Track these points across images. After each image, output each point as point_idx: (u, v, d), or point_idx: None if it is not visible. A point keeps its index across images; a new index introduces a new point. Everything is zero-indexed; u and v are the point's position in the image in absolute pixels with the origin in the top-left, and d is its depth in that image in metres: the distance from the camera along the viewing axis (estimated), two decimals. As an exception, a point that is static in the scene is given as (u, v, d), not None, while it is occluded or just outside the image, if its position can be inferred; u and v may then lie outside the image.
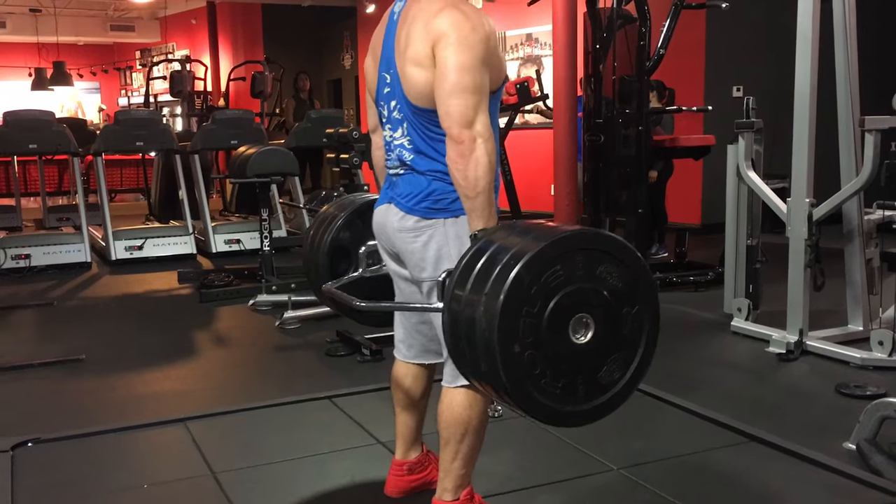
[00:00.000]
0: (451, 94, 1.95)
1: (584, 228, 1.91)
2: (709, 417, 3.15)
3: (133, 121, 7.28)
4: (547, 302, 1.76)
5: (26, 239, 7.00)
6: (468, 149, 1.93)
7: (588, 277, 1.80)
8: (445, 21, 2.00)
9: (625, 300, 1.85)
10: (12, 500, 2.52)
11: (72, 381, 3.84)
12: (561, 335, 1.79)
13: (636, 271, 1.86)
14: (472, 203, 1.95)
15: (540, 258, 1.74)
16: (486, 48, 2.00)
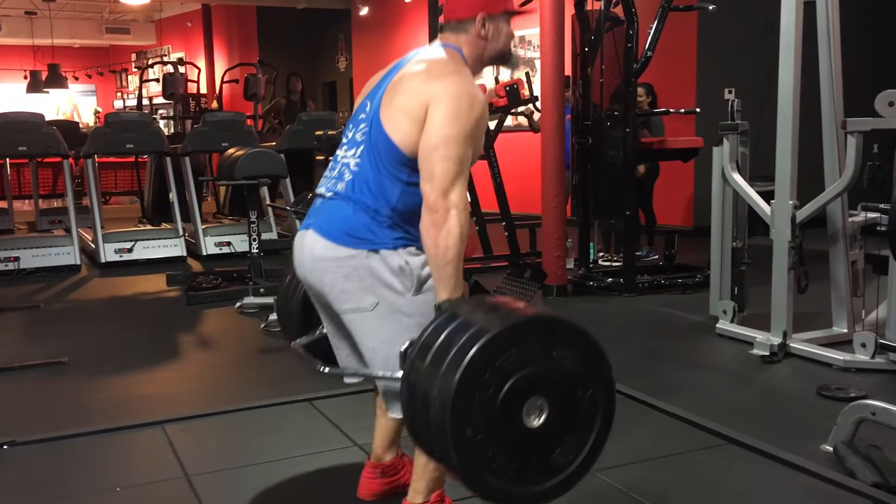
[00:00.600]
0: (436, 161, 1.97)
1: (541, 314, 1.89)
2: (688, 420, 3.15)
3: (123, 123, 7.26)
4: (501, 385, 1.76)
5: (15, 241, 6.99)
6: (441, 218, 1.94)
7: (543, 361, 1.80)
8: (447, 88, 2.02)
9: (579, 383, 1.85)
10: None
11: (53, 384, 3.83)
12: (514, 418, 1.79)
13: (591, 354, 1.87)
14: (440, 272, 1.97)
15: (495, 343, 1.74)
16: (476, 127, 2.03)
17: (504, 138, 7.37)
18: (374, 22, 12.04)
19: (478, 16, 2.17)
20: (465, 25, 2.19)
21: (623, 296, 5.48)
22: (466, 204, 1.99)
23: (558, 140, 5.46)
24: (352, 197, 2.10)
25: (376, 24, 12.07)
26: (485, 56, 2.21)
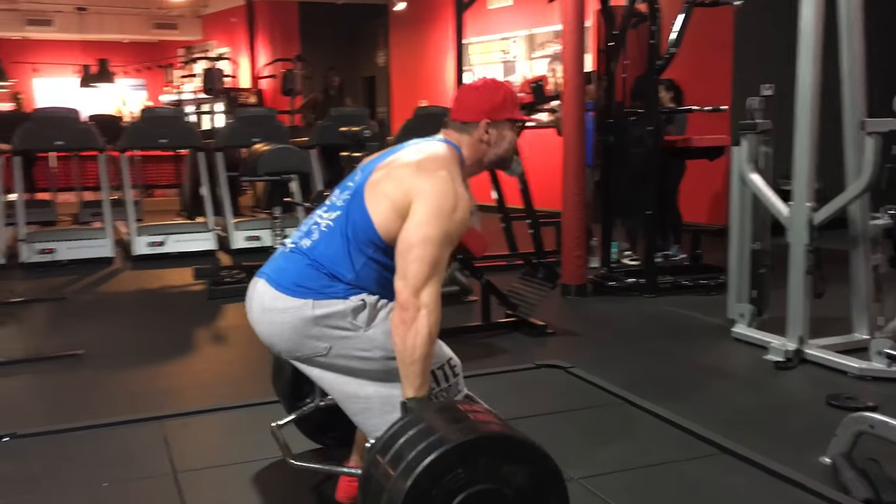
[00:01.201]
0: (411, 261, 2.00)
1: (491, 432, 1.88)
2: (683, 427, 3.09)
3: (156, 119, 7.40)
4: (448, 502, 1.77)
5: (53, 233, 7.18)
6: (411, 317, 1.97)
7: (491, 478, 1.81)
8: (434, 186, 2.05)
9: (530, 498, 1.84)
10: (-25, 495, 2.58)
11: (65, 377, 3.92)
12: None
13: (543, 471, 1.86)
14: (406, 369, 1.99)
15: (442, 461, 1.77)
16: (457, 230, 2.06)
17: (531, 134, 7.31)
18: (410, 17, 12.05)
19: (482, 122, 2.21)
20: (469, 128, 2.24)
21: (643, 296, 5.40)
22: (438, 304, 2.01)
23: (579, 138, 5.40)
24: (311, 255, 2.15)
25: (412, 19, 12.07)
26: (485, 160, 2.27)
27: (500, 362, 4.05)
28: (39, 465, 2.85)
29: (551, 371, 3.83)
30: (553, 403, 3.46)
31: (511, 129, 2.28)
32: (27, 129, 7.06)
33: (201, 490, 2.64)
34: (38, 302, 5.56)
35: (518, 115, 2.31)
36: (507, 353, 4.22)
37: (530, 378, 3.79)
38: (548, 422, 3.24)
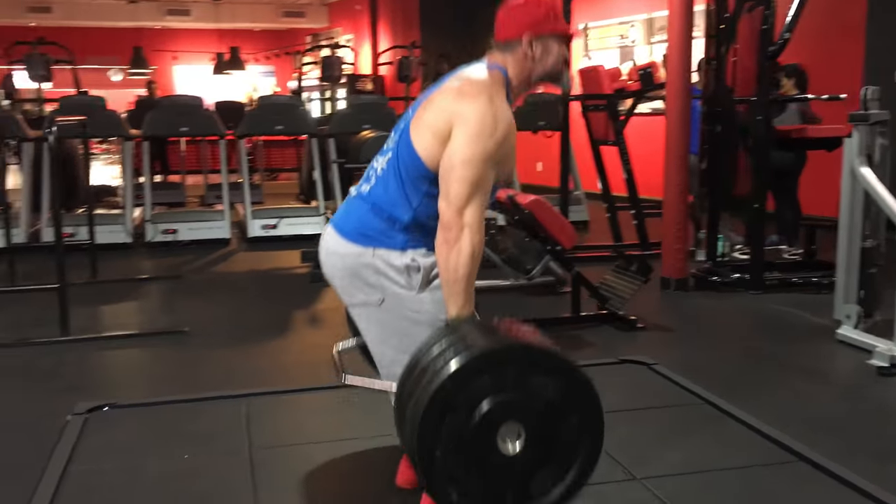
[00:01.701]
0: (453, 181, 2.00)
1: (522, 344, 1.88)
2: (761, 431, 2.97)
3: (273, 106, 7.68)
4: (473, 410, 1.78)
5: (175, 215, 7.59)
6: (454, 236, 1.98)
7: (519, 389, 1.81)
8: (473, 109, 2.04)
9: (561, 412, 1.84)
10: (69, 458, 2.78)
11: (168, 352, 4.16)
12: (488, 443, 1.81)
13: (574, 385, 1.84)
14: (450, 289, 2.01)
15: (467, 369, 1.78)
16: (499, 148, 2.04)
17: (639, 122, 7.16)
18: (529, 1, 11.93)
19: (524, 36, 2.18)
20: (513, 45, 2.20)
21: (748, 293, 5.20)
22: (481, 224, 2.00)
23: (683, 126, 5.24)
24: (370, 199, 2.19)
25: (531, 3, 11.95)
26: (532, 76, 2.23)
27: (583, 355, 4.00)
28: (131, 435, 3.06)
29: (634, 367, 3.76)
30: (630, 400, 3.40)
31: (557, 43, 2.22)
32: (155, 116, 7.49)
33: (271, 467, 2.76)
34: (155, 280, 5.91)
35: (563, 28, 2.24)
36: (593, 347, 4.17)
37: (611, 373, 3.73)
38: (621, 418, 3.17)
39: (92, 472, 2.73)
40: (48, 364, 3.98)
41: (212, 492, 2.60)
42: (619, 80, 6.54)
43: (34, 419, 3.26)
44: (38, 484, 2.60)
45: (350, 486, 2.68)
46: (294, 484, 2.63)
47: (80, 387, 3.63)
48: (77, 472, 2.72)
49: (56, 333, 4.31)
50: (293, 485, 2.63)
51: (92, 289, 5.55)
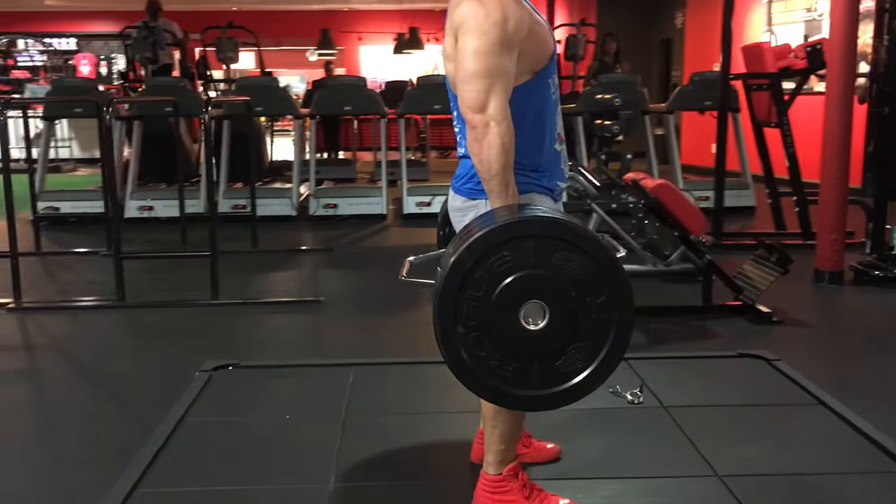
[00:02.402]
0: (465, 80, 1.97)
1: (540, 215, 1.85)
2: (873, 438, 2.76)
3: (431, 86, 7.84)
4: (494, 285, 1.77)
5: (337, 190, 7.98)
6: (481, 133, 1.94)
7: (541, 264, 1.78)
8: (463, 10, 2.00)
9: (587, 289, 1.79)
10: (186, 410, 3.05)
11: (301, 319, 4.44)
12: (511, 320, 1.79)
13: (599, 259, 1.79)
14: (489, 185, 1.98)
15: (482, 243, 1.77)
16: (502, 31, 1.96)
17: (809, 102, 6.71)
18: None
19: None
20: None
21: (914, 292, 4.79)
22: (506, 114, 1.95)
23: (843, 108, 4.87)
24: (464, 152, 2.17)
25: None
26: None
27: (705, 346, 3.87)
28: (248, 394, 3.30)
29: (753, 361, 3.58)
30: (739, 395, 3.26)
31: None
32: (321, 96, 7.88)
33: (361, 434, 2.89)
34: (309, 252, 6.26)
35: None
36: (718, 338, 4.01)
37: (727, 366, 3.58)
38: (720, 412, 3.08)
39: (202, 424, 2.99)
40: (194, 324, 4.36)
41: (298, 451, 2.76)
42: (787, 58, 6.13)
43: (169, 372, 3.60)
44: (155, 429, 2.88)
45: (424, 457, 2.75)
46: (374, 451, 2.75)
47: (216, 346, 3.95)
48: (190, 422, 2.98)
49: (208, 297, 4.70)
50: (373, 452, 2.74)
51: (250, 258, 5.98)
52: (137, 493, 2.45)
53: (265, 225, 6.96)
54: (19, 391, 3.50)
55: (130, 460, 2.64)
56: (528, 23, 2.05)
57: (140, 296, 4.79)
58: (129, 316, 4.53)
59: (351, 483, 2.53)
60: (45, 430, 3.13)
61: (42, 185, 7.68)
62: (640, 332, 4.15)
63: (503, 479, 2.30)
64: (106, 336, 4.27)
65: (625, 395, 3.16)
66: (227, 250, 6.19)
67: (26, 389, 3.54)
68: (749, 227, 7.16)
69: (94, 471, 2.66)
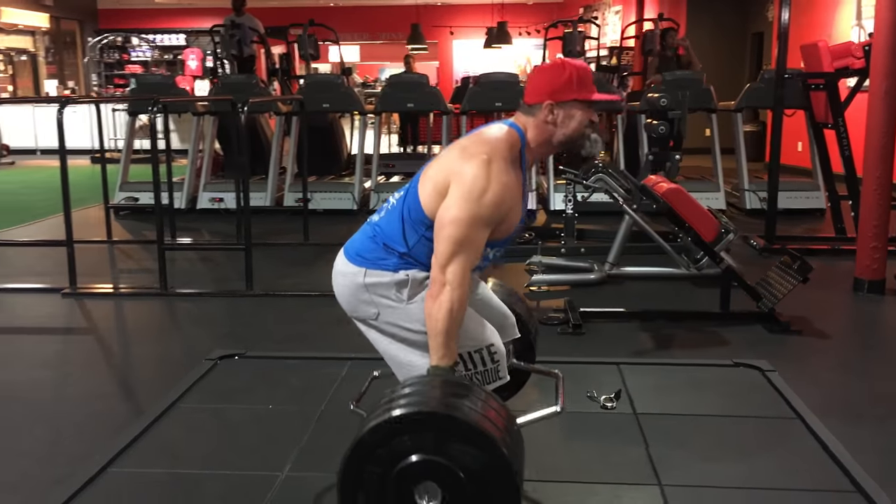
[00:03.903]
0: (441, 239, 2.13)
1: (448, 411, 1.93)
2: (833, 454, 2.70)
3: (493, 83, 7.89)
4: (393, 464, 1.92)
5: (394, 185, 8.12)
6: (437, 292, 2.11)
7: (439, 452, 1.90)
8: (469, 171, 2.14)
9: (477, 481, 1.90)
10: (181, 395, 3.27)
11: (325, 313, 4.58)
12: (405, 497, 1.93)
13: (493, 458, 1.89)
14: (432, 340, 2.13)
15: (388, 426, 1.92)
16: (490, 211, 2.13)
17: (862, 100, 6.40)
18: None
19: (545, 103, 2.24)
20: (534, 110, 2.28)
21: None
22: (462, 282, 2.11)
23: (886, 110, 4.67)
24: (375, 229, 2.34)
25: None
26: (554, 140, 2.31)
27: (709, 354, 3.82)
28: (248, 382, 3.50)
29: (747, 372, 3.53)
30: (718, 406, 3.22)
31: (581, 109, 2.25)
32: (385, 92, 8.07)
33: (331, 426, 3.02)
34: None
35: (586, 96, 2.25)
36: (726, 346, 3.95)
37: (719, 375, 3.54)
38: (693, 422, 3.06)
39: (191, 410, 3.20)
40: (223, 314, 4.61)
41: (266, 440, 2.93)
42: (845, 58, 5.89)
43: (180, 358, 3.85)
44: (146, 411, 3.11)
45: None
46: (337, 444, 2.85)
47: (236, 336, 4.17)
48: (181, 407, 3.20)
49: (242, 288, 4.95)
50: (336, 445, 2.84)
51: (297, 251, 6.22)
52: (108, 472, 2.67)
53: (326, 218, 7.20)
54: (44, 367, 3.80)
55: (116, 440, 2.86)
56: (508, 209, 2.20)
57: (184, 285, 5.08)
58: (167, 303, 4.82)
59: (302, 473, 2.67)
60: (55, 401, 3.39)
61: (125, 177, 8.17)
62: (647, 337, 4.14)
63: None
64: (139, 322, 4.57)
65: (599, 400, 3.18)
66: (277, 243, 6.48)
67: (51, 366, 3.83)
68: (815, 231, 6.93)
69: (85, 446, 2.88)
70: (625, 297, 4.84)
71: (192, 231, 7.05)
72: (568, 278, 5.09)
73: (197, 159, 8.26)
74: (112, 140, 12.63)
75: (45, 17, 17.57)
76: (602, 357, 3.72)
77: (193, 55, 17.31)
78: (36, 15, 17.23)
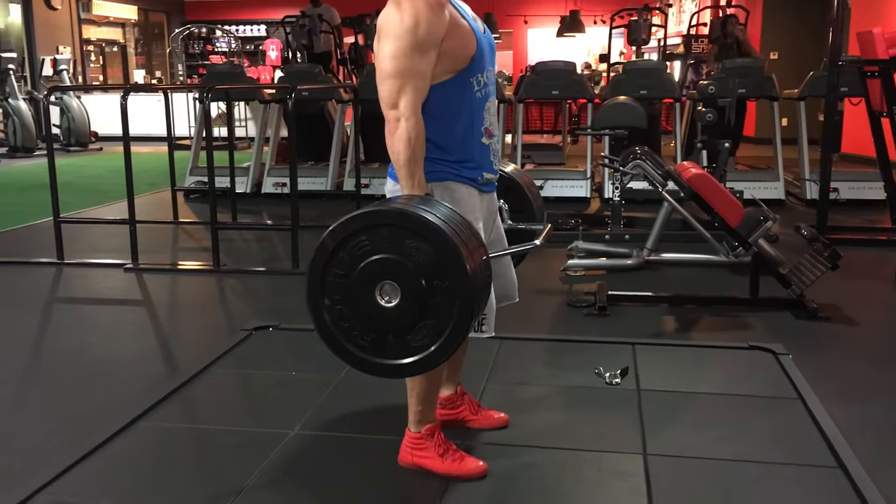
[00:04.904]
0: (380, 81, 2.25)
1: (394, 207, 2.08)
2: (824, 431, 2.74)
3: (549, 71, 7.95)
4: (354, 266, 2.06)
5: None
6: (392, 127, 2.21)
7: (394, 250, 2.03)
8: (383, 17, 2.28)
9: (432, 274, 2.02)
10: (213, 361, 3.51)
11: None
12: (368, 297, 2.07)
13: (444, 250, 2.00)
14: (398, 173, 2.25)
15: (345, 227, 2.06)
16: (412, 36, 2.20)
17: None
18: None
19: None
20: None
21: None
22: (414, 111, 2.19)
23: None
24: None
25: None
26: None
27: (726, 337, 3.86)
28: (273, 352, 3.73)
29: (761, 354, 3.56)
30: (723, 385, 3.29)
31: None
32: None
33: (347, 392, 3.21)
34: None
35: None
36: (747, 330, 3.97)
37: (732, 357, 3.59)
38: (694, 400, 3.14)
39: (220, 374, 3.44)
40: (268, 290, 4.87)
41: (283, 402, 3.15)
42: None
43: (221, 328, 4.12)
44: (179, 373, 3.37)
45: (393, 416, 3.02)
46: (349, 408, 3.07)
47: (275, 310, 4.41)
48: (211, 371, 3.45)
49: (289, 267, 5.20)
50: (347, 409, 3.07)
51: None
52: (137, 425, 2.92)
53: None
54: (100, 333, 4.11)
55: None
56: (445, 26, 2.27)
57: (236, 263, 5.37)
58: (218, 280, 5.11)
59: (311, 432, 2.87)
60: (107, 361, 3.67)
61: (195, 162, 8.56)
62: (671, 319, 4.20)
63: (421, 437, 2.55)
64: (189, 295, 4.88)
65: (605, 376, 3.28)
66: (329, 225, 6.72)
67: (106, 332, 4.13)
68: (874, 222, 6.78)
69: (125, 400, 3.12)
70: (660, 282, 4.89)
71: (254, 214, 7.37)
72: (605, 263, 5.17)
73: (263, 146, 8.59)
74: (192, 127, 13.19)
75: (133, 10, 18.39)
76: (618, 337, 3.80)
77: (273, 45, 17.79)
78: (126, 7, 18.04)
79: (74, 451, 2.68)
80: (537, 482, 2.50)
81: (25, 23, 15.44)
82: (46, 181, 5.47)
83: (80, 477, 2.56)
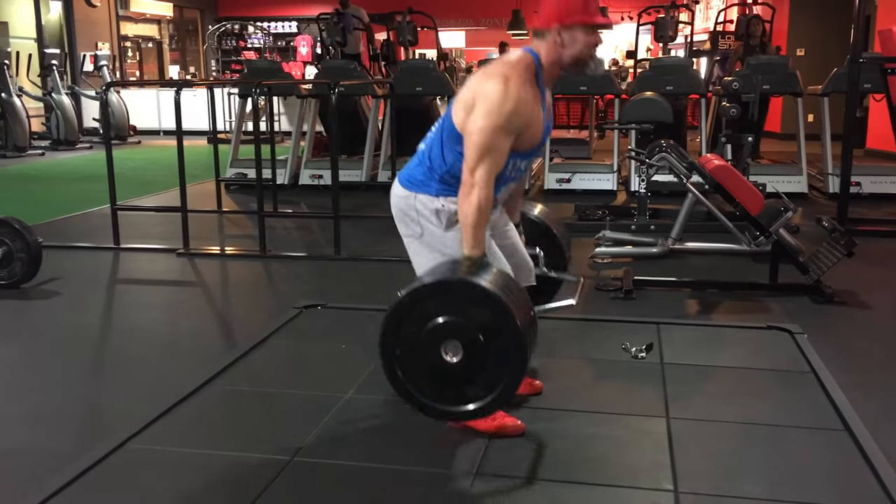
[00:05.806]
0: (469, 146, 2.56)
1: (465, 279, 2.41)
2: (833, 400, 2.99)
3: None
4: (424, 323, 2.40)
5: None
6: (467, 192, 2.53)
7: (459, 313, 2.37)
8: (490, 87, 2.55)
9: (490, 336, 2.35)
10: (267, 336, 3.82)
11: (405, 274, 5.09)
12: (434, 351, 2.41)
13: (500, 316, 2.34)
14: (464, 233, 2.56)
15: (419, 292, 2.42)
16: (508, 122, 2.53)
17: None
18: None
19: (553, 26, 2.62)
20: (544, 34, 2.65)
21: None
22: (487, 183, 2.52)
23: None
24: (423, 153, 2.77)
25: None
26: (562, 60, 2.67)
27: (745, 319, 4.10)
28: (322, 328, 4.03)
29: (778, 334, 3.80)
30: (742, 360, 3.54)
31: (584, 32, 2.60)
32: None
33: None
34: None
35: (589, 19, 2.59)
36: (766, 313, 4.21)
37: (750, 336, 3.83)
38: (714, 372, 3.39)
39: (275, 346, 3.75)
40: (312, 274, 5.18)
41: (335, 369, 3.45)
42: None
43: (271, 307, 4.42)
44: (238, 346, 3.68)
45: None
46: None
47: (321, 291, 4.70)
48: (267, 343, 3.75)
49: (331, 253, 5.51)
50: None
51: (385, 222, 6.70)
52: (205, 389, 3.22)
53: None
54: (161, 311, 4.43)
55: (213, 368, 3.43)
56: (527, 120, 2.59)
57: (280, 249, 5.69)
58: (265, 264, 5.43)
59: (364, 395, 3.16)
60: (170, 335, 4.01)
61: (235, 154, 8.90)
62: (693, 303, 4.45)
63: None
64: (239, 278, 5.20)
65: (631, 351, 3.55)
66: (368, 215, 7.01)
67: (165, 310, 4.46)
68: (895, 215, 6.97)
69: (190, 370, 3.43)
70: (684, 269, 5.12)
71: (293, 204, 7.70)
72: (631, 251, 5.43)
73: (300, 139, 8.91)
74: (228, 122, 13.57)
75: (169, 7, 18.81)
76: (644, 317, 4.06)
77: (304, 42, 18.15)
78: (161, 4, 18.47)
79: (154, 408, 2.99)
80: (570, 439, 2.77)
81: (66, 20, 15.91)
82: (91, 173, 5.86)
83: (161, 431, 2.87)
